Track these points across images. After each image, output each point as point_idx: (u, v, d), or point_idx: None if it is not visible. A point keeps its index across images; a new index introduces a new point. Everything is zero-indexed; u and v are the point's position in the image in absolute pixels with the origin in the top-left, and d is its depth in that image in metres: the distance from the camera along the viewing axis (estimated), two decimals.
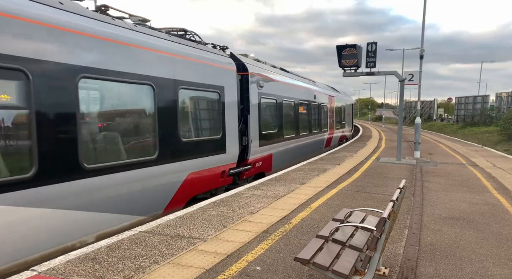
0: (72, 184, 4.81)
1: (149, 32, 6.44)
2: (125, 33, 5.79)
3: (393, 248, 4.73)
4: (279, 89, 12.04)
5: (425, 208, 6.73)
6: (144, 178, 5.97)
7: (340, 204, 6.82)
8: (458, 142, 24.18)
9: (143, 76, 5.98)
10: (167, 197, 6.61)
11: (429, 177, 10.07)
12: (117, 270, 3.91)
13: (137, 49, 5.93)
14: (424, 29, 15.01)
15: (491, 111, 41.69)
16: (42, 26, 4.48)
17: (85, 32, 5.05)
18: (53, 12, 4.70)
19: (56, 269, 3.89)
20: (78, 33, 4.95)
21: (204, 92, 7.67)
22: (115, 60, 5.49)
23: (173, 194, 6.73)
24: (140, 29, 6.32)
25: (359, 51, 11.94)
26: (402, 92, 13.27)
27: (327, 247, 3.44)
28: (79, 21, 5.02)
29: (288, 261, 4.25)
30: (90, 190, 5.05)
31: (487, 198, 7.65)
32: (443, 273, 4.06)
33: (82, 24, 5.05)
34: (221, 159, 8.27)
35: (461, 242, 5.01)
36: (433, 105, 59.32)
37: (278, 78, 12.27)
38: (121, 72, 5.56)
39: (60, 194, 4.66)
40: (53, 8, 4.72)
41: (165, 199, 6.57)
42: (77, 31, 4.94)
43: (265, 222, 5.66)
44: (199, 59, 7.53)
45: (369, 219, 4.28)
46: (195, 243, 4.71)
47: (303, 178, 9.34)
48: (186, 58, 7.06)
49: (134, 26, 6.26)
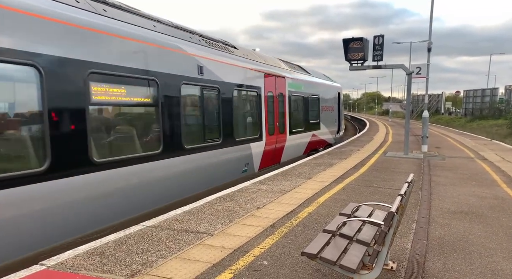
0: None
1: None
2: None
3: (401, 242, 4.70)
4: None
5: (433, 202, 6.66)
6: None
7: (347, 199, 6.78)
8: (466, 135, 23.92)
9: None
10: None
11: (437, 171, 9.98)
12: (124, 264, 3.93)
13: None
14: (432, 21, 14.79)
15: (500, 104, 41.17)
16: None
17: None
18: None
19: (64, 263, 3.92)
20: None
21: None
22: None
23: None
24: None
25: (366, 44, 11.82)
26: (410, 86, 13.13)
27: (334, 241, 3.42)
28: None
29: (295, 255, 4.24)
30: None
31: (496, 192, 7.56)
32: (452, 267, 4.02)
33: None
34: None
35: (470, 236, 4.96)
36: (441, 99, 58.75)
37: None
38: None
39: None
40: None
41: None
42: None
43: (272, 216, 5.65)
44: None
45: (376, 214, 4.24)
46: (202, 238, 4.72)
47: (309, 173, 9.31)
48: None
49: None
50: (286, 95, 12.00)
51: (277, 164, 11.42)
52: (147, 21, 6.75)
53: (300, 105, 13.37)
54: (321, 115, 15.69)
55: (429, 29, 14.89)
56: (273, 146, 10.95)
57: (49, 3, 4.71)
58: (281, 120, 11.57)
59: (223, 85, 8.39)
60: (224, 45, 9.29)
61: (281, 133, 11.53)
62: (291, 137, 12.28)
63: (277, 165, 11.32)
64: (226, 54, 8.91)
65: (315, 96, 14.97)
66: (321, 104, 15.67)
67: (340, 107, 19.14)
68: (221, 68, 8.43)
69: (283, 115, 11.73)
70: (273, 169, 10.91)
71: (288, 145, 12.04)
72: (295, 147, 12.77)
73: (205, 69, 7.79)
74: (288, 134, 12.04)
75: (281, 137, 11.50)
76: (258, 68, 10.15)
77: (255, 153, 9.80)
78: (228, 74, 8.63)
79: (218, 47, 8.80)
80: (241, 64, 9.30)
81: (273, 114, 10.95)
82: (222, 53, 8.74)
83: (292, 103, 12.49)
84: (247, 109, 9.81)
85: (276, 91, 11.25)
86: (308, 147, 14.31)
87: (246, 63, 9.63)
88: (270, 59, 12.12)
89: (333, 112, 17.78)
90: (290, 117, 12.19)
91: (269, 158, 10.84)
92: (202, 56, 7.75)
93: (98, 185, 5.20)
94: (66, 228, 4.85)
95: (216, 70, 8.21)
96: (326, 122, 16.30)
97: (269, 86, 10.68)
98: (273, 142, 10.92)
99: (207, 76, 7.84)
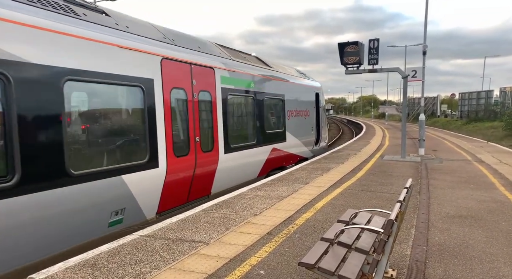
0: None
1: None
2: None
3: (400, 248, 4.61)
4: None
5: (431, 206, 6.59)
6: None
7: (345, 204, 6.69)
8: (462, 138, 23.95)
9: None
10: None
11: (435, 174, 9.92)
12: (117, 276, 3.81)
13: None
14: (426, 25, 14.83)
15: (496, 106, 41.33)
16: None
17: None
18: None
19: (54, 276, 3.80)
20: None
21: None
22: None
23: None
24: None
25: (361, 48, 11.81)
26: (405, 89, 13.11)
27: (333, 250, 3.33)
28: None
29: (292, 264, 4.14)
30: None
31: (495, 195, 7.50)
32: (453, 274, 3.94)
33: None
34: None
35: (470, 242, 4.88)
36: (436, 102, 58.94)
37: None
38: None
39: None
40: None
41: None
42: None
43: (269, 223, 5.54)
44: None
45: (375, 220, 4.16)
46: (197, 247, 4.61)
47: (306, 178, 9.22)
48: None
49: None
50: (217, 95, 8.05)
51: (206, 197, 7.80)
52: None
53: (247, 109, 9.57)
54: (288, 123, 11.84)
55: (424, 32, 14.92)
56: (187, 173, 7.08)
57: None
58: (206, 132, 7.70)
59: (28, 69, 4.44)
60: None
61: (207, 152, 7.64)
62: (228, 157, 8.38)
63: (206, 198, 7.77)
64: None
65: (276, 97, 11.17)
66: (287, 108, 11.86)
67: (319, 111, 15.18)
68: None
69: (210, 124, 7.83)
70: (275, 173, 10.61)
71: (223, 167, 8.19)
72: (238, 169, 8.94)
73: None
74: (221, 152, 8.15)
75: (206, 158, 7.60)
76: (145, 48, 6.22)
77: (143, 190, 6.02)
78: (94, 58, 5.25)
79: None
80: (95, 36, 5.36)
81: (186, 124, 7.08)
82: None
83: (230, 106, 8.62)
84: (113, 118, 5.80)
85: (194, 88, 7.29)
86: (267, 166, 10.44)
87: (110, 36, 5.65)
88: (193, 40, 8.21)
89: (308, 118, 13.88)
90: (225, 128, 8.30)
91: (182, 192, 7.06)
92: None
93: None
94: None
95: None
96: (296, 131, 12.49)
97: (175, 79, 6.80)
98: (187, 167, 7.05)
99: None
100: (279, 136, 11.27)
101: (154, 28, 7.18)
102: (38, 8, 4.78)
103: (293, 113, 12.40)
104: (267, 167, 10.51)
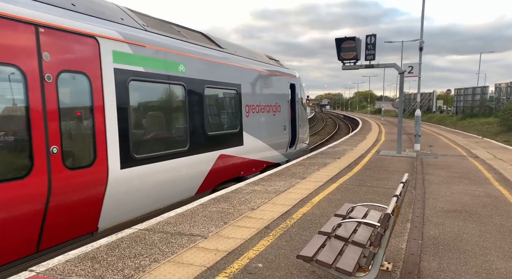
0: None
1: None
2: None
3: (396, 242, 4.68)
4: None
5: (427, 201, 6.67)
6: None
7: (342, 198, 6.76)
8: (458, 133, 24.11)
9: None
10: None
11: (430, 169, 10.02)
12: (116, 269, 3.85)
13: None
14: (423, 21, 14.86)
15: (491, 102, 41.61)
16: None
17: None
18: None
19: (54, 269, 3.83)
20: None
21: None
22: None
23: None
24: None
25: (358, 43, 11.83)
26: (402, 85, 13.18)
27: (330, 243, 3.38)
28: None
29: (290, 257, 4.20)
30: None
31: (489, 190, 7.60)
32: (447, 267, 4.01)
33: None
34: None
35: (464, 236, 4.96)
36: (432, 97, 59.23)
37: None
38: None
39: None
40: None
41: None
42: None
43: (266, 218, 5.60)
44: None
45: (371, 214, 4.22)
46: (196, 241, 4.65)
47: (303, 173, 9.28)
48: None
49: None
50: (106, 79, 5.35)
51: (90, 235, 5.29)
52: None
53: (171, 103, 6.93)
54: (246, 121, 9.39)
55: (421, 28, 14.96)
56: (33, 206, 4.40)
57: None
58: (77, 137, 5.03)
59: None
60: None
61: (78, 169, 4.94)
62: (130, 173, 5.74)
63: (90, 236, 5.31)
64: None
65: (227, 87, 8.59)
66: (245, 102, 9.36)
67: (296, 106, 12.80)
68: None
69: (88, 123, 5.13)
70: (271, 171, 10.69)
71: (120, 189, 5.58)
72: (155, 188, 6.34)
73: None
74: (114, 166, 5.45)
75: (75, 177, 4.89)
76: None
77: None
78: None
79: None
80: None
81: (22, 124, 4.31)
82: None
83: (136, 98, 6.02)
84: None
85: (47, 66, 4.54)
86: (211, 179, 7.96)
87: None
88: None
89: (278, 114, 11.40)
90: (124, 130, 5.66)
91: (23, 237, 4.37)
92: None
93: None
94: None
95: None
96: (260, 132, 10.16)
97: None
98: (28, 196, 4.33)
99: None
100: (232, 139, 8.76)
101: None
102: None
103: (254, 109, 9.89)
104: (212, 180, 8.00)
